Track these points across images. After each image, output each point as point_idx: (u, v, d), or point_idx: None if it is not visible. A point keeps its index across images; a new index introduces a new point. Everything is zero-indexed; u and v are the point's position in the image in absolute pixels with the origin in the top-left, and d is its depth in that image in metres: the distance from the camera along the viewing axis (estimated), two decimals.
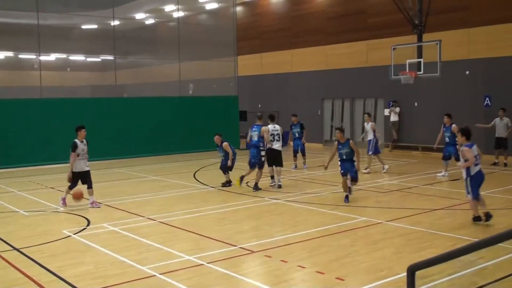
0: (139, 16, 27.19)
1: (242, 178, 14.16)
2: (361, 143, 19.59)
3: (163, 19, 27.30)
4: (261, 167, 13.97)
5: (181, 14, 25.62)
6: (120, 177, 17.02)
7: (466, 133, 9.90)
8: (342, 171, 12.18)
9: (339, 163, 12.31)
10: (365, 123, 17.59)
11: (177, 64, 24.06)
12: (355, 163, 12.14)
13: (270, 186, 14.36)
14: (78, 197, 11.90)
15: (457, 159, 14.81)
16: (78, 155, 12.02)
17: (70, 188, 12.09)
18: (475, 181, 9.63)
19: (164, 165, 19.22)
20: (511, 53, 19.20)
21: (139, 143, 22.09)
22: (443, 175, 15.55)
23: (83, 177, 12.13)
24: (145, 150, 22.07)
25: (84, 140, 12.35)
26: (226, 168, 14.60)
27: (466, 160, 9.62)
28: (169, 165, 18.54)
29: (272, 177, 14.47)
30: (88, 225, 10.29)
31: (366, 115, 17.93)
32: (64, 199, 12.17)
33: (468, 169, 9.60)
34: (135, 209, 11.74)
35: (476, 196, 9.65)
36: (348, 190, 12.04)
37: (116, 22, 23.50)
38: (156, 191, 14.14)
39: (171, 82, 24.47)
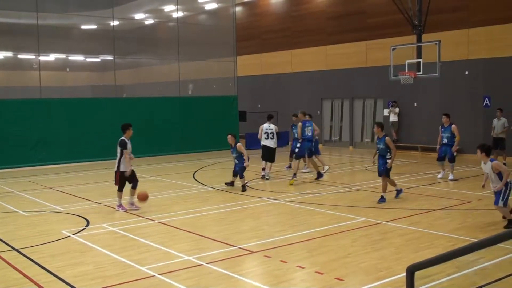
0: (139, 16, 27.18)
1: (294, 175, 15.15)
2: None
3: (163, 19, 27.28)
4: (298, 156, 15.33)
5: (180, 14, 25.61)
6: None
7: (486, 149, 9.53)
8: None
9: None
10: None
11: (177, 64, 24.05)
12: (388, 160, 12.11)
13: (261, 177, 15.84)
14: (144, 198, 11.39)
15: (450, 160, 14.84)
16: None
17: (120, 190, 11.61)
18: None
19: (163, 165, 19.22)
20: (510, 53, 19.21)
21: (139, 143, 21.88)
22: (442, 176, 15.49)
23: (130, 176, 11.71)
24: (144, 150, 22.00)
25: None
26: (242, 171, 13.69)
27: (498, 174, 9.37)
28: (169, 165, 18.54)
29: (264, 169, 15.89)
30: (87, 225, 10.28)
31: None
32: (121, 205, 11.61)
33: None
34: (134, 209, 11.72)
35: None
36: (383, 189, 12.12)
37: (115, 22, 23.49)
38: (156, 191, 14.12)
39: (171, 82, 24.47)
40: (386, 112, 23.52)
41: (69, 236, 9.45)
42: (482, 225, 9.76)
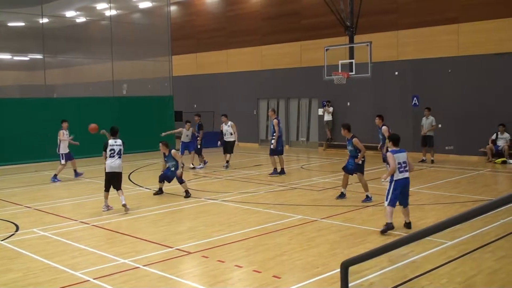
0: (70, 14, 26.38)
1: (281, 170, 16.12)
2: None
3: (95, 17, 26.60)
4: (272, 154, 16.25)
5: (113, 12, 25.07)
6: (50, 180, 16.43)
7: (394, 139, 9.54)
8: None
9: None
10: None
11: (110, 63, 23.52)
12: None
13: (224, 166, 17.96)
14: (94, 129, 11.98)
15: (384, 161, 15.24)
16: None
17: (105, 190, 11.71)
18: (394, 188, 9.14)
19: (97, 167, 18.70)
20: (436, 54, 20.08)
21: (71, 145, 21.40)
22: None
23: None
24: (77, 152, 21.39)
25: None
26: (180, 178, 12.83)
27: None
28: (103, 166, 18.01)
29: (228, 161, 18.11)
30: (16, 230, 9.87)
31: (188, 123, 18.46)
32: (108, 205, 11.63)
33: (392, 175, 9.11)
34: (67, 212, 11.38)
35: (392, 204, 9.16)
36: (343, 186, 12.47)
37: (45, 20, 22.69)
38: (89, 193, 13.77)
39: (104, 82, 23.90)
40: (320, 111, 23.99)
41: None
42: (412, 220, 10.12)
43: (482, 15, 18.93)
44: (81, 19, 26.89)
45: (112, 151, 11.59)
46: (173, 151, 13.12)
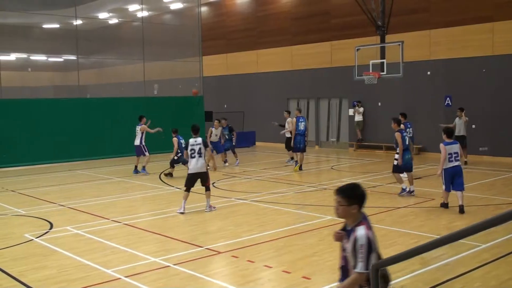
0: (102, 15, 26.80)
1: (299, 165, 17.02)
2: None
3: (127, 18, 26.97)
4: (303, 151, 17.19)
5: (145, 13, 25.37)
6: (84, 179, 16.74)
7: (447, 131, 10.94)
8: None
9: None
10: (214, 128, 18.74)
11: (141, 64, 23.81)
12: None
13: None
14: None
15: None
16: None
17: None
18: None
19: (129, 166, 18.94)
20: (469, 54, 19.71)
21: (103, 144, 21.77)
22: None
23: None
24: (109, 151, 21.75)
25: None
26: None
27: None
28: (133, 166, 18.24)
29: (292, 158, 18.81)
30: (51, 228, 10.08)
31: (216, 121, 18.93)
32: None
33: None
34: (99, 211, 11.56)
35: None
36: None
37: (78, 22, 23.11)
38: (121, 192, 13.97)
39: (136, 83, 24.20)
40: (351, 111, 23.80)
41: (32, 239, 9.25)
42: (444, 222, 9.98)
43: None
44: (114, 21, 27.30)
45: (192, 151, 11.23)
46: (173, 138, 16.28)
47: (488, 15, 19.21)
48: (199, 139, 11.39)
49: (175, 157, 16.43)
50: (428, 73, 21.01)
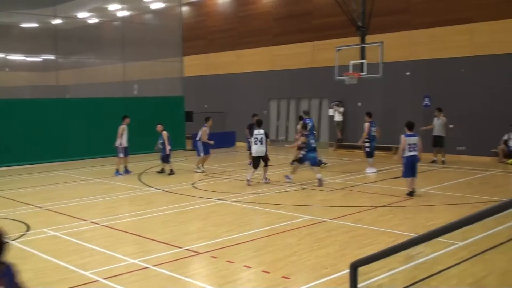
0: (82, 15, 26.55)
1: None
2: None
3: (107, 18, 26.76)
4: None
5: (125, 13, 25.20)
6: (62, 180, 16.56)
7: (408, 125, 12.43)
8: None
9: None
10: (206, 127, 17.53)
11: (122, 64, 23.64)
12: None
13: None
14: None
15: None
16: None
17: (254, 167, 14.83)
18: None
19: (108, 167, 18.81)
20: (448, 55, 19.94)
21: (82, 145, 21.55)
22: (373, 172, 16.41)
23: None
24: (88, 152, 21.53)
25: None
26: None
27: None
28: (113, 167, 18.14)
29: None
30: (27, 230, 9.95)
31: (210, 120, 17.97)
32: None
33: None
34: (77, 213, 11.44)
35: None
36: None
37: (57, 21, 22.86)
38: (100, 194, 13.84)
39: (116, 83, 24.02)
40: (331, 112, 23.91)
41: (7, 242, 9.09)
42: (422, 221, 10.09)
43: (495, 15, 18.77)
44: (93, 20, 27.05)
45: (256, 139, 14.67)
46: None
47: (467, 16, 19.47)
48: (262, 131, 14.82)
49: (167, 153, 16.98)
50: (408, 73, 21.20)
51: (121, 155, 17.18)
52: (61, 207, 12.15)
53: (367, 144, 16.62)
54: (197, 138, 17.57)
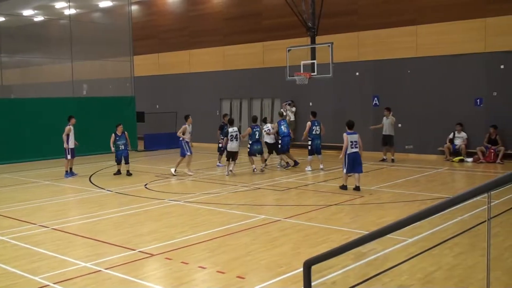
0: (27, 12, 25.75)
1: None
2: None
3: (54, 16, 26.06)
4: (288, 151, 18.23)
5: (72, 11, 24.60)
6: (8, 182, 16.03)
7: (348, 124, 13.20)
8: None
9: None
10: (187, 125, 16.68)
11: (70, 63, 23.08)
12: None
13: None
14: None
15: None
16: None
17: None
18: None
19: (57, 169, 18.35)
20: (394, 55, 20.48)
21: (29, 147, 20.92)
22: (309, 170, 16.88)
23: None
24: (36, 154, 20.92)
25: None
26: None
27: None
28: (63, 169, 17.74)
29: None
30: None
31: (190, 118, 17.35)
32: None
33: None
34: (25, 216, 11.11)
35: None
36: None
37: (1, 18, 22.08)
38: (49, 196, 13.48)
39: (64, 82, 23.41)
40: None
41: None
42: (373, 218, 10.32)
43: (438, 17, 19.40)
44: (39, 18, 26.29)
45: (231, 136, 16.17)
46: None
47: (411, 18, 20.03)
48: (235, 128, 16.47)
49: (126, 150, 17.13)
50: (357, 73, 21.63)
51: (69, 156, 16.76)
52: (7, 210, 11.76)
53: (309, 143, 17.29)
54: (180, 138, 16.49)
